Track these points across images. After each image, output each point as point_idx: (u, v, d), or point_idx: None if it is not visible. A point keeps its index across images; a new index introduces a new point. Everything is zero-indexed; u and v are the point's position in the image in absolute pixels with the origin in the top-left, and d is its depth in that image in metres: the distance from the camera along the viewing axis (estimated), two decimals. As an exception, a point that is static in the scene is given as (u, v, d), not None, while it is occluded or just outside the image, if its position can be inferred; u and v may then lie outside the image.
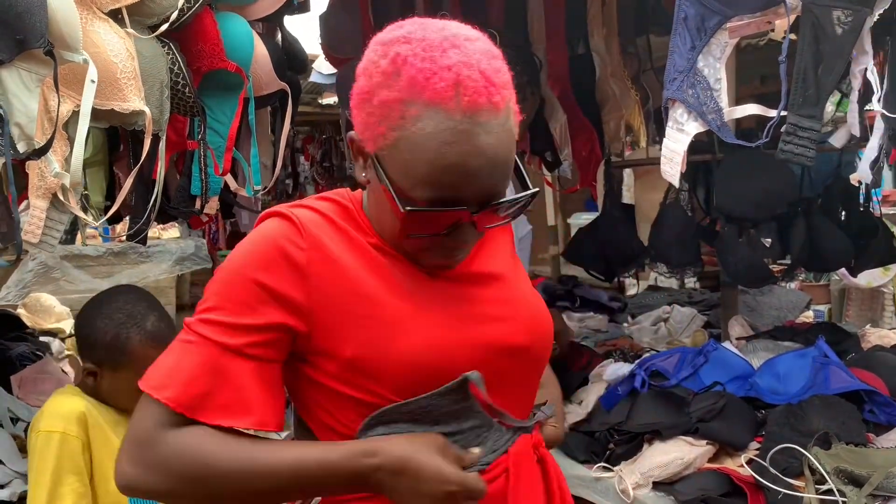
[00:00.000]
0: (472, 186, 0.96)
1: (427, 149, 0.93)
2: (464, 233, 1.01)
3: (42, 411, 1.70)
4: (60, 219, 1.51)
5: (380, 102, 0.95)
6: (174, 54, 1.72)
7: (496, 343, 1.08)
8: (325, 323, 1.01)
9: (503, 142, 0.96)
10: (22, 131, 1.36)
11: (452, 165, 0.93)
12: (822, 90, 1.60)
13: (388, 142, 0.96)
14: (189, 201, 2.00)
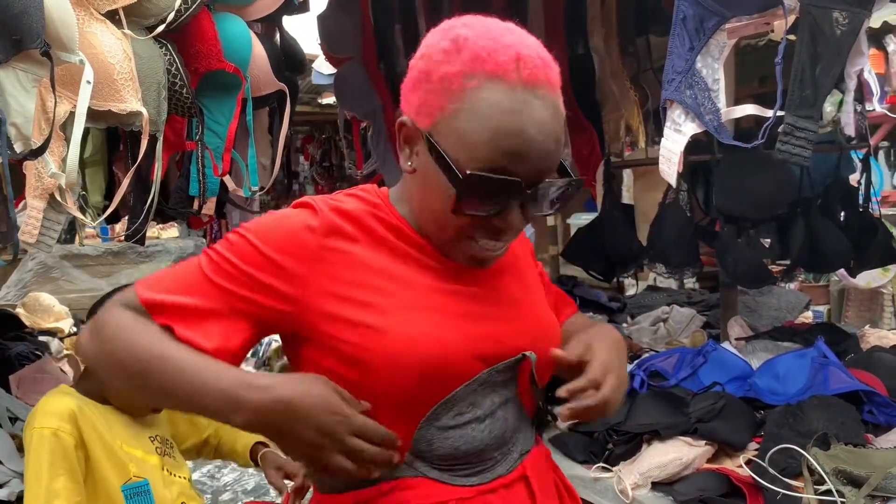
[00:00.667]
0: (529, 158, 0.97)
1: (488, 118, 0.95)
2: (512, 215, 1.02)
3: (35, 410, 1.71)
4: (57, 219, 1.51)
5: (439, 78, 0.98)
6: (172, 55, 1.72)
7: (496, 343, 1.08)
8: (326, 304, 1.03)
9: (557, 119, 0.99)
10: (19, 131, 1.36)
11: (512, 133, 0.95)
12: (819, 91, 1.60)
13: (446, 114, 0.98)
14: (187, 202, 2.01)
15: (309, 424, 0.95)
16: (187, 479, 1.88)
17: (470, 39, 0.97)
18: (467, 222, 1.03)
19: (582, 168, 3.26)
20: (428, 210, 1.06)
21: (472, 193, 0.99)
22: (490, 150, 0.96)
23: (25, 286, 4.55)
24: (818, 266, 2.71)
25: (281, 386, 0.97)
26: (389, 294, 1.04)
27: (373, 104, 3.34)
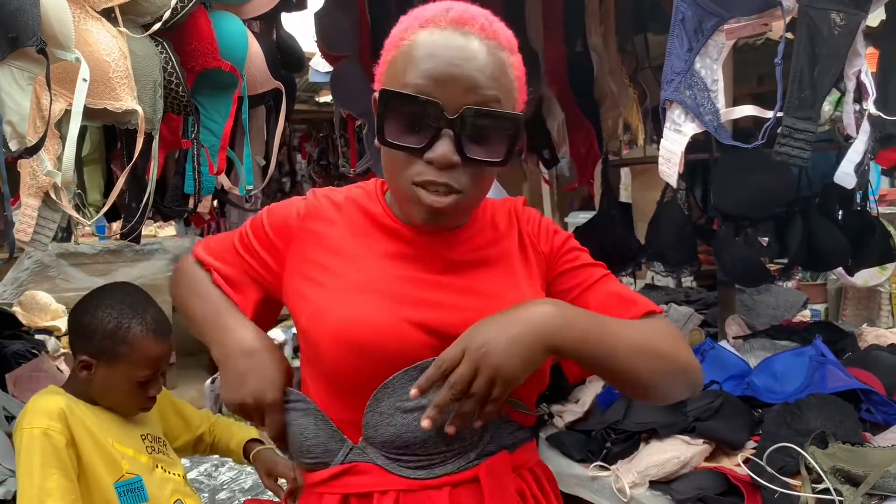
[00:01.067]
0: (447, 82, 1.01)
1: (414, 52, 1.03)
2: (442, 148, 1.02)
3: (25, 411, 1.70)
4: (53, 217, 1.50)
5: (388, 42, 1.09)
6: (168, 53, 1.71)
7: (438, 330, 1.08)
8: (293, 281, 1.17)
9: (487, 55, 1.03)
10: (14, 129, 1.36)
11: (429, 55, 1.01)
12: (817, 92, 1.60)
13: (387, 65, 1.08)
14: (182, 200, 2.00)
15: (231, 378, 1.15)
16: (181, 476, 1.87)
17: (416, 7, 1.07)
18: (402, 162, 1.05)
19: (580, 166, 3.26)
20: (387, 176, 1.11)
21: (392, 115, 1.04)
22: (410, 75, 1.02)
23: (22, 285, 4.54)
24: (816, 265, 2.71)
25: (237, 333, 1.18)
26: (340, 275, 1.12)
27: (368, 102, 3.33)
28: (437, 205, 1.05)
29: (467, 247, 1.16)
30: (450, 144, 1.02)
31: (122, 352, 1.70)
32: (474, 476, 1.10)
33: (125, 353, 1.70)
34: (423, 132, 1.03)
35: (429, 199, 1.05)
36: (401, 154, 1.05)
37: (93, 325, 1.72)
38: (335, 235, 1.16)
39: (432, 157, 1.03)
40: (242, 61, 1.97)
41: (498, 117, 1.04)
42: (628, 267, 3.11)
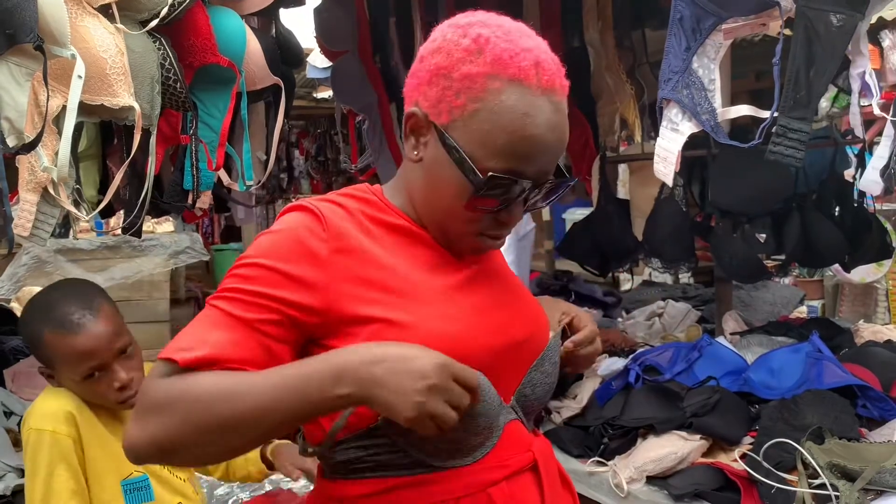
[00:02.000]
0: (541, 160, 1.04)
1: (508, 120, 1.00)
2: (516, 211, 1.08)
3: (32, 408, 1.70)
4: (51, 213, 1.50)
5: (461, 76, 1.02)
6: (165, 49, 1.71)
7: (503, 332, 1.12)
8: (343, 310, 1.02)
9: (566, 122, 1.07)
10: (12, 126, 1.36)
11: (530, 137, 1.01)
12: (813, 92, 1.61)
13: (466, 113, 1.02)
14: (181, 196, 2.00)
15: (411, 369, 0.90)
16: (185, 479, 1.87)
17: (491, 41, 1.02)
18: (476, 217, 1.07)
19: (577, 162, 3.26)
20: (434, 202, 1.10)
21: (488, 192, 1.03)
22: (509, 151, 1.01)
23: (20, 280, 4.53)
24: (813, 261, 2.72)
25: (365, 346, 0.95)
26: (405, 292, 1.05)
27: (368, 98, 3.34)
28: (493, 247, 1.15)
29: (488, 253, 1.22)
30: (519, 209, 1.09)
31: (49, 356, 1.68)
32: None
33: (52, 357, 1.68)
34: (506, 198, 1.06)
35: (484, 244, 1.12)
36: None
37: (26, 341, 1.73)
38: (372, 250, 1.06)
39: (507, 221, 1.09)
40: (241, 57, 1.97)
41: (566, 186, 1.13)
42: (626, 263, 3.12)
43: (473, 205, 1.05)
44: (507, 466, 1.10)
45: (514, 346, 1.13)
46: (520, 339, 1.14)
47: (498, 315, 1.13)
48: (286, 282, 0.99)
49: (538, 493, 1.13)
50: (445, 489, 1.06)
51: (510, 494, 1.09)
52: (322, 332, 1.02)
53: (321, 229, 1.03)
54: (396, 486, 1.05)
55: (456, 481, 1.06)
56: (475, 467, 1.07)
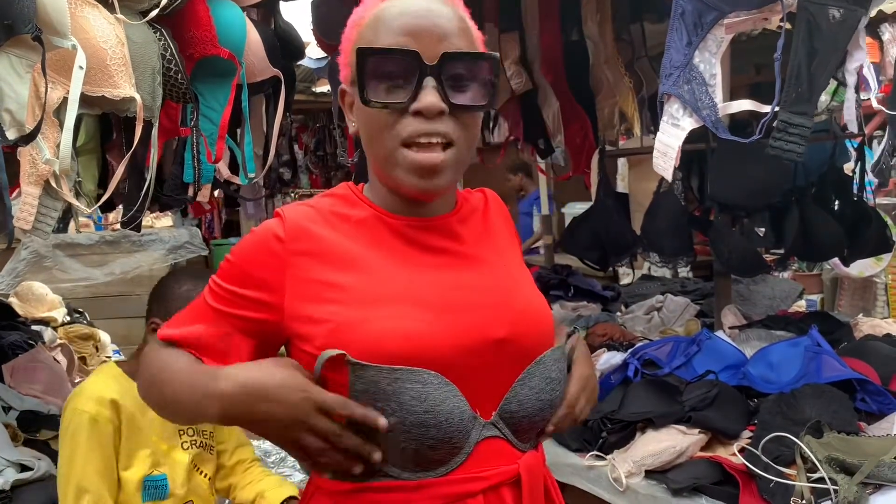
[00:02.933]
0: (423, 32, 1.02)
1: (383, 16, 1.04)
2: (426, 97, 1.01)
3: (80, 389, 1.75)
4: (54, 206, 1.50)
5: (348, 27, 1.10)
6: (166, 40, 1.70)
7: (472, 334, 1.05)
8: (300, 307, 1.05)
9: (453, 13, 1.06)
10: (13, 117, 1.35)
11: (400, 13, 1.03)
12: (814, 87, 1.61)
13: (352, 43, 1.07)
14: (181, 189, 1.99)
15: (273, 404, 0.96)
16: (209, 475, 1.88)
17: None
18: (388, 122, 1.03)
19: (576, 156, 3.26)
20: (370, 148, 1.08)
21: (372, 74, 1.02)
22: (382, 36, 1.03)
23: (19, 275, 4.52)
24: (812, 255, 2.72)
25: (244, 371, 1.00)
26: (364, 290, 1.04)
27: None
28: (431, 161, 1.02)
29: (466, 235, 1.15)
30: (435, 93, 1.01)
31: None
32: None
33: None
34: (405, 87, 1.01)
35: (420, 156, 1.02)
36: (384, 115, 1.03)
37: (167, 291, 1.77)
38: (334, 250, 1.07)
39: (420, 107, 1.01)
40: (241, 49, 1.96)
41: (476, 59, 1.06)
42: (625, 257, 3.11)
43: (366, 97, 1.02)
44: (485, 479, 1.04)
45: (490, 346, 1.05)
46: (497, 339, 1.06)
47: (471, 311, 1.06)
48: (248, 280, 1.06)
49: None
50: (418, 497, 1.03)
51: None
52: (286, 330, 1.06)
53: (281, 231, 1.07)
54: (370, 488, 1.04)
55: (428, 490, 1.03)
56: (450, 478, 1.03)
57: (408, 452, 1.01)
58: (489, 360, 1.05)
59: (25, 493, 2.04)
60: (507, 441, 1.07)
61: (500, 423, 1.06)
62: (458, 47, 1.04)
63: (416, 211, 1.10)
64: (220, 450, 1.97)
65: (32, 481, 2.08)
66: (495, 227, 1.21)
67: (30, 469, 2.10)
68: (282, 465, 2.43)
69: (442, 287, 1.07)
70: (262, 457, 2.25)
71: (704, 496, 1.74)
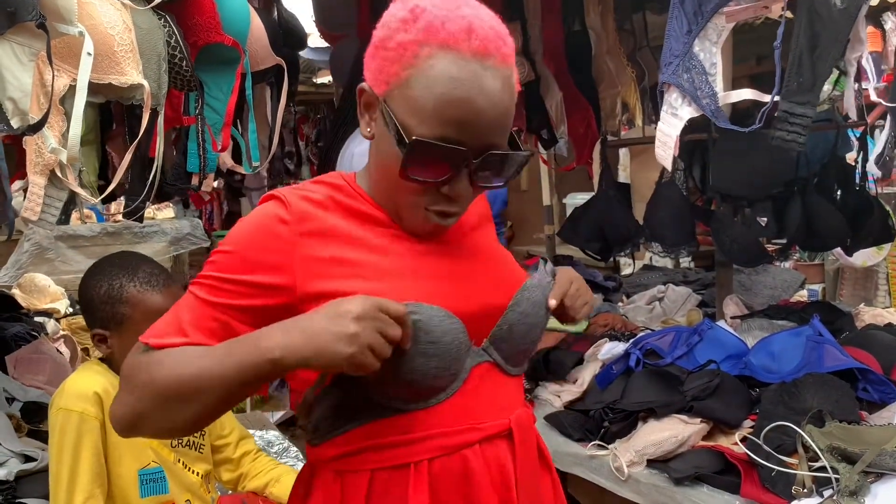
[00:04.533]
0: (475, 127, 1.01)
1: (437, 84, 0.99)
2: (460, 185, 1.05)
3: (62, 388, 1.72)
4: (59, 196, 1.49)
5: (396, 45, 1.02)
6: (171, 27, 1.69)
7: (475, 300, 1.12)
8: (313, 285, 1.05)
9: (507, 92, 1.03)
10: (16, 106, 1.34)
11: (459, 100, 0.99)
12: (816, 76, 1.60)
13: (399, 81, 1.02)
14: (185, 178, 1.99)
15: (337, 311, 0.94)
16: (200, 475, 1.87)
17: (427, 10, 1.01)
18: (416, 189, 1.06)
19: (579, 146, 3.26)
20: (383, 176, 1.10)
21: (418, 159, 1.02)
22: (437, 117, 1.00)
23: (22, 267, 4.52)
24: (814, 245, 2.72)
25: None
26: (370, 265, 1.07)
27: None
28: (444, 227, 1.11)
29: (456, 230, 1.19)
30: (467, 181, 1.05)
31: (124, 312, 1.68)
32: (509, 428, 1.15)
33: (127, 314, 1.68)
34: (443, 168, 1.04)
35: (436, 221, 1.09)
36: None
37: (90, 297, 1.71)
38: (337, 230, 1.09)
39: (451, 194, 1.06)
40: (245, 36, 1.95)
41: (514, 158, 1.08)
42: (626, 247, 3.11)
43: (406, 174, 1.03)
44: (481, 429, 1.10)
45: (489, 312, 1.14)
46: (496, 305, 1.15)
47: (467, 284, 1.13)
48: (251, 266, 1.04)
49: (512, 462, 1.13)
50: (419, 449, 1.07)
51: (485, 458, 1.10)
52: (294, 309, 1.04)
53: (285, 213, 1.07)
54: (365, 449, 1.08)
55: (430, 442, 1.07)
56: (449, 428, 1.08)
57: (413, 379, 1.04)
58: (487, 322, 1.14)
59: (29, 483, 2.05)
60: (498, 366, 1.15)
61: (490, 348, 1.14)
62: (503, 140, 1.06)
63: None
64: (222, 444, 1.97)
65: (36, 472, 2.08)
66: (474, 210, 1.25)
67: (33, 460, 2.11)
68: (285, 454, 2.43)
69: (446, 264, 1.14)
70: (264, 447, 2.26)
71: (706, 485, 1.75)
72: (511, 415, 1.15)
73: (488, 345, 1.14)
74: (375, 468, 1.08)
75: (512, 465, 1.13)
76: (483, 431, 1.11)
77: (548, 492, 1.22)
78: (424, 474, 1.07)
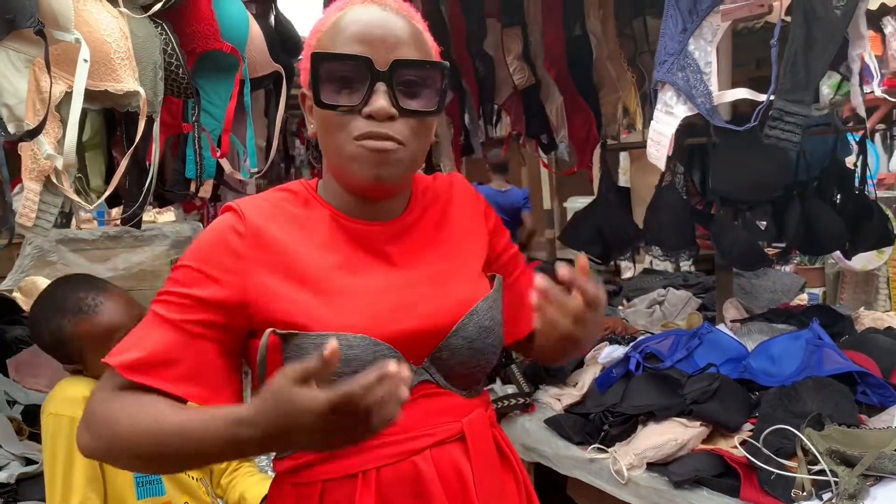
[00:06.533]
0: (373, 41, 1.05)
1: (340, 24, 1.07)
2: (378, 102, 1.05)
3: (52, 394, 1.72)
4: (54, 202, 1.50)
5: (312, 32, 1.12)
6: (167, 35, 1.70)
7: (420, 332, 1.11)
8: (261, 301, 1.06)
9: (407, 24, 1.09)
10: (11, 112, 1.35)
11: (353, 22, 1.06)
12: (811, 75, 1.60)
13: (311, 49, 1.09)
14: (184, 185, 1.99)
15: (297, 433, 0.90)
16: (197, 478, 1.87)
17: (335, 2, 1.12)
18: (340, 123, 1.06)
19: (580, 151, 3.26)
20: (326, 147, 1.11)
21: (325, 78, 1.05)
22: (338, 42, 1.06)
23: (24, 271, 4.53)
24: (814, 248, 2.72)
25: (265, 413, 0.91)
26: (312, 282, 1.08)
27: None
28: (383, 147, 1.06)
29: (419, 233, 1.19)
30: (385, 98, 1.05)
31: (76, 347, 1.70)
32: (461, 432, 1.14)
33: (79, 346, 1.70)
34: (358, 91, 1.06)
35: (372, 143, 1.06)
36: (337, 116, 1.06)
37: (44, 346, 1.74)
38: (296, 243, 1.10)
39: (371, 111, 1.05)
40: (243, 43, 1.96)
41: (425, 66, 1.09)
42: (626, 251, 3.12)
43: (320, 101, 1.06)
44: (432, 435, 1.11)
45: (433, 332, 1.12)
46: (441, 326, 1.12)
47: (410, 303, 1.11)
48: (207, 280, 1.05)
49: (468, 464, 1.13)
50: (367, 458, 1.08)
51: (436, 463, 1.11)
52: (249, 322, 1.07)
53: (241, 226, 1.08)
54: (315, 462, 1.09)
55: (378, 451, 1.08)
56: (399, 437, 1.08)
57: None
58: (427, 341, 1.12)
59: (30, 486, 2.06)
60: (439, 385, 1.14)
61: (430, 367, 1.13)
62: (410, 56, 1.08)
63: (368, 212, 1.14)
64: None
65: (37, 475, 2.09)
66: (456, 215, 1.25)
67: (34, 462, 2.11)
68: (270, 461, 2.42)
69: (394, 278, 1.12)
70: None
71: (706, 488, 1.75)
72: (463, 417, 1.15)
73: (429, 364, 1.13)
74: (326, 479, 1.09)
75: (466, 468, 1.13)
76: (434, 437, 1.11)
77: (511, 491, 1.22)
78: (372, 482, 1.08)
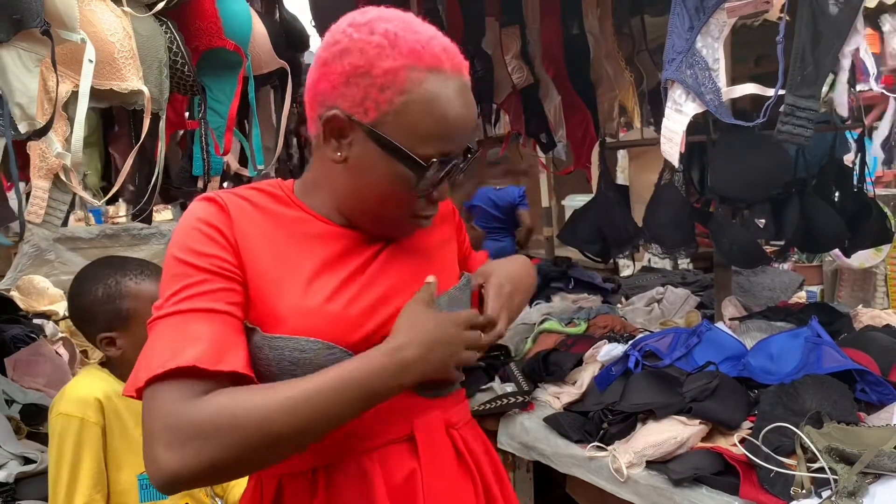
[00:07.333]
0: (464, 137, 1.11)
1: (434, 106, 1.05)
2: (444, 188, 1.14)
3: (63, 392, 1.71)
4: (63, 199, 1.51)
5: (382, 72, 1.04)
6: (172, 33, 1.70)
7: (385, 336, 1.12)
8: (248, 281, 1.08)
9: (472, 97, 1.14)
10: (23, 112, 1.36)
11: (454, 118, 1.07)
12: (820, 69, 1.61)
13: (394, 106, 1.05)
14: (191, 182, 2.00)
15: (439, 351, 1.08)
16: None
17: (399, 34, 1.06)
18: (415, 201, 1.12)
19: (577, 149, 3.27)
20: (366, 197, 1.12)
21: (433, 176, 1.09)
22: (439, 137, 1.07)
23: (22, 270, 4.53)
24: (812, 246, 2.72)
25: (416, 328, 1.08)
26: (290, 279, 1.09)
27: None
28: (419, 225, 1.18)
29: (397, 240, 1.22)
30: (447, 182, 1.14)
31: (128, 307, 1.68)
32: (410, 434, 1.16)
33: (131, 307, 1.68)
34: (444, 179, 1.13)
35: (422, 224, 1.17)
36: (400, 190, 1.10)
37: (87, 303, 1.70)
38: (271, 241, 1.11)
39: (437, 197, 1.14)
40: (247, 41, 1.96)
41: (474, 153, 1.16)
42: (625, 249, 3.12)
43: (420, 192, 1.10)
44: (380, 435, 1.13)
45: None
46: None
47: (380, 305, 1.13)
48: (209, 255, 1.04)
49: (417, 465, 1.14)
50: (319, 456, 1.11)
51: (382, 463, 1.12)
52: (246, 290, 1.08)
53: (226, 216, 1.09)
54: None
55: (329, 449, 1.10)
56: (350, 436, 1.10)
57: None
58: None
59: (28, 485, 2.06)
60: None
61: None
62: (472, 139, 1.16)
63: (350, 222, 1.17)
64: None
65: (35, 474, 2.09)
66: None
67: (33, 462, 2.11)
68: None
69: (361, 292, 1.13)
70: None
71: (705, 486, 1.75)
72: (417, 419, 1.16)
73: None
74: (283, 474, 1.13)
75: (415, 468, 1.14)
76: (383, 437, 1.13)
77: (467, 494, 1.21)
78: (321, 479, 1.11)
